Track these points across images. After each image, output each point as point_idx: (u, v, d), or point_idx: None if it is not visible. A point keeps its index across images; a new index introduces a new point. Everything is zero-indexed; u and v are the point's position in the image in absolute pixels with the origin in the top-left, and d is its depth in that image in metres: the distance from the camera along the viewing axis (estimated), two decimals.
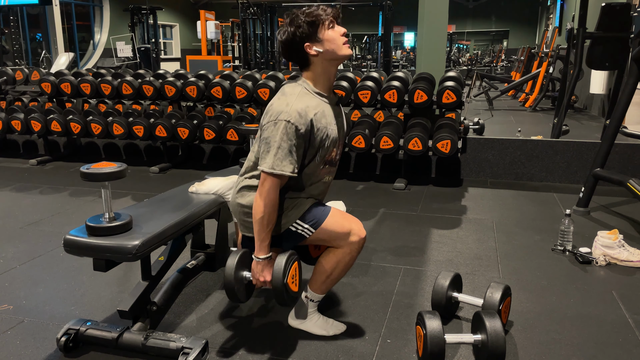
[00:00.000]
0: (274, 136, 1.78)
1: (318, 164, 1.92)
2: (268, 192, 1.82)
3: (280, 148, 1.78)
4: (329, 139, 1.90)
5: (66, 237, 1.86)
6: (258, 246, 1.87)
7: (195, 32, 16.47)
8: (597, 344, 2.06)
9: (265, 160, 1.80)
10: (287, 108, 1.79)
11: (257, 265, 1.90)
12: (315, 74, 1.89)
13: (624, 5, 4.98)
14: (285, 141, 1.78)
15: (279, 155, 1.78)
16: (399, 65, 16.88)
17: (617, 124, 3.58)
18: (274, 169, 1.79)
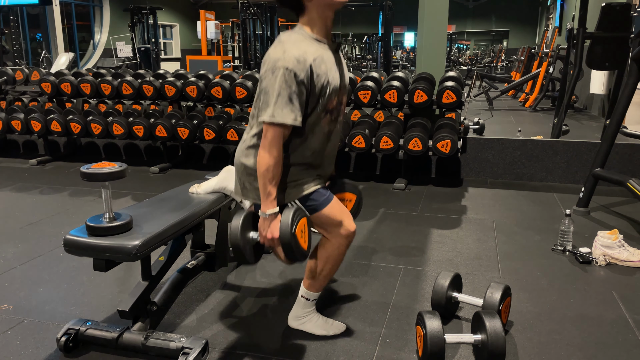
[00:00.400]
0: (273, 85, 1.72)
1: (320, 113, 1.84)
2: (271, 145, 1.75)
3: (280, 96, 1.71)
4: (330, 86, 1.82)
5: (66, 237, 1.86)
6: (264, 201, 1.80)
7: (195, 32, 16.48)
8: (597, 344, 2.07)
9: (265, 111, 1.74)
10: (284, 55, 1.72)
11: (264, 221, 1.81)
12: (311, 19, 1.81)
13: (624, 5, 4.98)
14: (285, 89, 1.71)
15: (279, 104, 1.71)
16: (399, 65, 16.88)
17: (617, 124, 3.58)
18: (274, 117, 1.72)
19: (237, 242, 1.81)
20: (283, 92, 1.71)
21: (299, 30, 1.82)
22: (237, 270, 2.75)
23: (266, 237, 1.82)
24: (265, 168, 1.76)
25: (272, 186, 1.79)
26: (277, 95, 1.71)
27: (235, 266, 2.79)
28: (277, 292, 2.50)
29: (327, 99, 1.83)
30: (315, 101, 1.81)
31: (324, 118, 1.87)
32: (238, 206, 2.64)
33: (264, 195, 1.79)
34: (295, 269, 2.73)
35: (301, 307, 2.13)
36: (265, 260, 2.87)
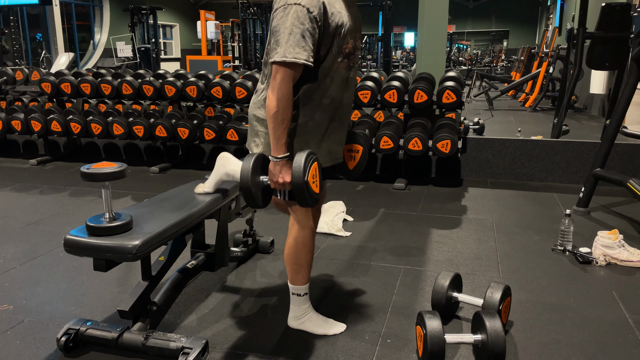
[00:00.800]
0: (284, 22, 1.65)
1: (336, 56, 1.78)
2: (280, 85, 1.68)
3: (292, 34, 1.64)
4: (345, 26, 1.76)
5: (66, 237, 1.86)
6: (274, 145, 1.75)
7: (195, 32, 16.47)
8: (597, 344, 2.07)
9: (276, 50, 1.67)
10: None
11: (275, 166, 1.77)
12: None
13: (624, 5, 4.98)
14: (297, 26, 1.64)
15: (291, 42, 1.64)
16: (399, 65, 16.88)
17: (617, 124, 3.58)
18: (286, 57, 1.65)
19: (247, 184, 1.76)
20: (295, 30, 1.65)
21: None
22: (237, 270, 2.75)
23: (277, 182, 1.78)
24: (275, 110, 1.70)
25: (282, 130, 1.74)
26: (289, 33, 1.65)
27: (235, 266, 2.79)
28: (277, 292, 2.49)
29: (342, 40, 1.77)
30: (330, 42, 1.75)
31: (341, 62, 1.82)
32: (238, 206, 2.64)
33: (274, 139, 1.74)
34: None
35: (297, 305, 2.12)
36: (265, 260, 2.87)
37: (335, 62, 1.81)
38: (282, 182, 1.78)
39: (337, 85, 1.85)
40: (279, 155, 1.76)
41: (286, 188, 1.80)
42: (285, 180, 1.78)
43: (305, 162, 1.74)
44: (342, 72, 1.85)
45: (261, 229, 3.28)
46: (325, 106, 1.86)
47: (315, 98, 1.83)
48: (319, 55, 1.76)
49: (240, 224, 3.01)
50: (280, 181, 1.78)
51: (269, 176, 1.81)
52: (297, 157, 1.76)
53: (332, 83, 1.83)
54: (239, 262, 2.83)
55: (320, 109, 1.85)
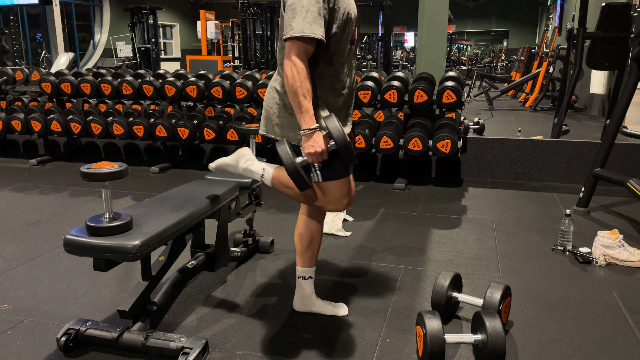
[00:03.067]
0: (300, 1, 1.70)
1: (345, 41, 1.85)
2: (297, 60, 1.72)
3: (309, 12, 1.69)
4: (352, 14, 1.84)
5: (66, 237, 1.86)
6: (304, 118, 1.77)
7: (195, 32, 16.48)
8: (597, 344, 2.07)
9: (291, 27, 1.71)
10: None
11: (308, 138, 1.79)
12: None
13: (624, 5, 4.98)
14: (313, 4, 1.70)
15: (309, 19, 1.69)
16: (399, 65, 16.88)
17: (617, 124, 3.58)
18: (303, 32, 1.69)
19: (295, 168, 1.78)
20: (312, 8, 1.71)
21: None
22: (237, 270, 2.75)
23: (316, 152, 1.80)
24: (298, 83, 1.73)
25: (308, 101, 1.77)
26: (306, 11, 1.70)
27: (235, 266, 2.79)
28: (277, 292, 2.49)
29: (351, 25, 1.84)
30: (341, 28, 1.81)
31: (349, 49, 1.88)
32: (238, 206, 2.64)
33: (301, 112, 1.77)
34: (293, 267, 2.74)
35: (303, 289, 2.21)
36: (265, 260, 2.87)
37: (345, 47, 1.87)
38: (320, 150, 1.80)
39: (346, 71, 1.91)
40: (311, 127, 1.78)
41: (324, 157, 1.82)
42: (323, 148, 1.80)
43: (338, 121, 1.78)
44: (350, 58, 1.92)
45: (261, 229, 3.28)
46: (337, 91, 1.92)
47: (327, 82, 1.89)
48: (330, 40, 1.81)
49: (240, 224, 3.01)
50: (319, 150, 1.80)
51: (305, 150, 1.82)
52: (328, 121, 1.78)
53: (342, 68, 1.89)
54: (239, 262, 2.83)
55: (333, 93, 1.91)
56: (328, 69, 1.87)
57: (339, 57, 1.87)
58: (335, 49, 1.84)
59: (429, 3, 4.56)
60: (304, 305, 2.26)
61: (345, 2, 1.81)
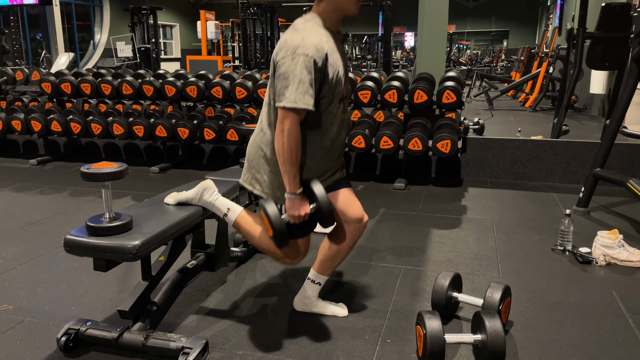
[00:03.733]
0: (293, 70, 1.76)
1: (334, 101, 1.92)
2: (290, 130, 1.80)
3: (301, 82, 1.76)
4: (341, 75, 1.91)
5: (66, 237, 1.86)
6: (291, 183, 1.87)
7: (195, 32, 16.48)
8: (597, 344, 2.07)
9: (285, 96, 1.77)
10: (303, 42, 1.78)
11: (293, 201, 1.89)
12: (326, 10, 1.88)
13: (624, 5, 4.98)
14: (306, 75, 1.76)
15: (301, 89, 1.76)
16: (399, 65, 16.87)
17: (617, 124, 3.58)
18: (296, 103, 1.76)
19: (283, 229, 1.88)
20: (304, 79, 1.76)
21: (313, 19, 1.89)
22: (237, 270, 2.75)
23: (299, 215, 1.90)
24: (290, 153, 1.82)
25: (297, 168, 1.86)
26: (299, 81, 1.76)
27: (235, 266, 2.79)
28: (277, 292, 2.49)
29: (339, 86, 1.91)
30: (332, 89, 1.87)
31: (339, 107, 1.95)
32: None
33: (289, 177, 1.86)
34: (293, 268, 2.74)
35: (309, 291, 2.24)
36: (265, 260, 2.87)
37: (334, 107, 1.94)
38: (303, 214, 1.91)
39: (336, 128, 1.99)
40: (297, 191, 1.89)
41: (304, 219, 1.93)
42: (306, 211, 1.91)
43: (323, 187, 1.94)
44: (340, 115, 1.99)
45: None
46: (326, 147, 2.00)
47: (317, 139, 1.96)
48: (321, 101, 1.88)
49: None
50: (302, 214, 1.91)
51: (289, 212, 1.92)
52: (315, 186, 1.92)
53: (331, 126, 1.97)
54: (239, 262, 2.83)
55: (321, 149, 1.99)
56: (318, 127, 1.93)
57: (329, 115, 1.94)
58: (325, 108, 1.91)
59: (429, 3, 4.56)
60: (304, 305, 2.27)
61: (334, 64, 1.87)
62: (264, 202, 1.92)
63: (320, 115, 1.91)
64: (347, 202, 2.10)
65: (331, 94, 1.89)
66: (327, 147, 1.99)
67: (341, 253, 2.16)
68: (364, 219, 2.12)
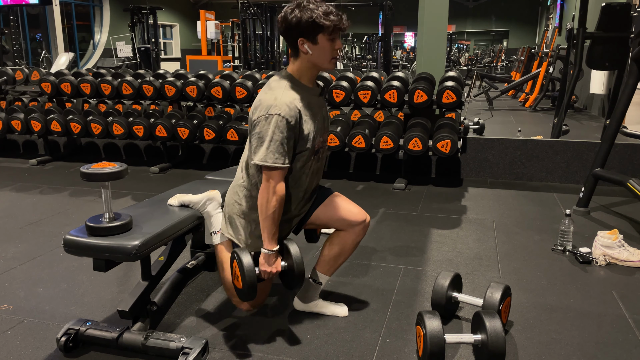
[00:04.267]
0: (266, 130, 1.82)
1: (310, 155, 1.97)
2: (276, 188, 1.86)
3: (272, 141, 1.82)
4: (316, 130, 1.95)
5: (66, 237, 1.86)
6: (270, 239, 1.90)
7: (195, 32, 16.47)
8: (597, 344, 2.07)
9: (257, 154, 1.84)
10: (276, 102, 1.83)
11: (269, 257, 1.92)
12: (300, 68, 1.93)
13: (624, 5, 4.98)
14: (277, 134, 1.82)
15: (272, 148, 1.82)
16: (399, 65, 16.87)
17: (617, 124, 3.58)
18: (266, 161, 1.83)
19: (254, 281, 1.87)
20: (275, 137, 1.83)
21: (287, 77, 1.93)
22: None
23: (270, 271, 1.93)
24: (273, 210, 1.88)
25: (277, 226, 1.92)
26: (270, 140, 1.82)
27: None
28: (277, 292, 2.49)
29: (314, 141, 1.95)
30: (305, 144, 1.93)
31: (313, 159, 2.00)
32: None
33: (269, 234, 1.91)
34: None
35: (310, 291, 2.24)
36: None
37: (309, 160, 1.98)
38: (275, 271, 1.94)
39: (309, 178, 2.03)
40: (273, 248, 1.92)
41: (273, 276, 1.96)
42: (278, 269, 1.94)
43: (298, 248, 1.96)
44: (313, 166, 2.03)
45: None
46: (299, 197, 2.04)
47: (292, 193, 2.00)
48: (297, 155, 1.93)
49: None
50: (274, 271, 1.93)
51: (262, 267, 1.93)
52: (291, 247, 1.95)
53: (306, 178, 2.02)
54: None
55: (295, 200, 2.04)
56: (293, 180, 1.98)
57: (303, 168, 1.99)
58: (300, 164, 1.96)
59: (429, 3, 4.56)
60: (304, 305, 2.26)
61: (309, 123, 1.91)
62: (239, 251, 1.90)
63: (295, 169, 1.96)
64: (342, 208, 2.12)
65: (306, 148, 1.93)
66: (300, 197, 2.04)
67: (344, 253, 2.16)
68: (366, 220, 2.14)
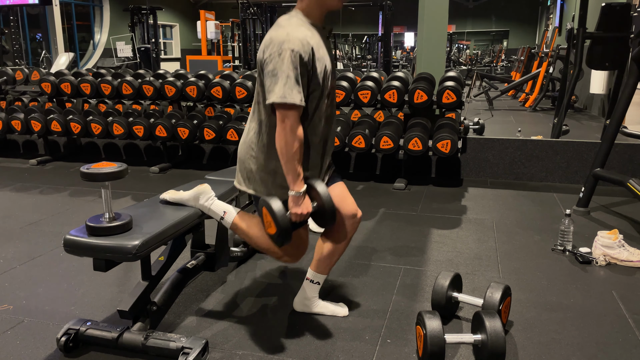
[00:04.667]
0: (280, 66, 1.75)
1: (322, 97, 1.91)
2: (292, 127, 1.79)
3: (288, 77, 1.75)
4: (328, 70, 1.90)
5: (66, 237, 1.86)
6: (295, 181, 1.85)
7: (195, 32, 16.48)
8: (597, 344, 2.07)
9: (273, 93, 1.77)
10: (288, 37, 1.77)
11: (298, 199, 1.87)
12: (309, 6, 1.88)
13: (624, 5, 4.98)
14: (292, 70, 1.75)
15: (289, 84, 1.75)
16: (399, 65, 16.87)
17: (617, 124, 3.58)
18: (285, 97, 1.75)
19: (288, 225, 1.84)
20: (291, 74, 1.75)
21: (297, 15, 1.88)
22: (237, 270, 2.75)
23: (302, 213, 1.88)
24: (294, 151, 1.81)
25: (300, 166, 1.85)
26: (286, 76, 1.75)
27: (235, 266, 2.79)
28: (277, 292, 2.49)
29: (327, 81, 1.90)
30: (318, 83, 1.86)
31: (325, 102, 1.94)
32: (238, 206, 2.64)
33: (293, 175, 1.84)
34: (293, 268, 2.74)
35: (308, 291, 2.23)
36: (265, 260, 2.87)
37: (322, 103, 1.92)
38: (306, 212, 1.89)
39: (322, 124, 1.97)
40: (301, 190, 1.87)
41: (305, 218, 1.91)
42: (309, 210, 1.89)
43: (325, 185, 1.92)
44: (327, 110, 1.97)
45: None
46: (316, 145, 1.98)
47: (310, 140, 1.95)
48: (310, 95, 1.87)
49: None
50: (305, 212, 1.89)
51: (292, 210, 1.89)
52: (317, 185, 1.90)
53: (319, 122, 1.95)
54: (239, 262, 2.83)
55: (313, 147, 1.97)
56: (306, 125, 1.92)
57: (317, 111, 1.92)
58: (313, 104, 1.90)
59: (429, 3, 4.56)
60: (304, 305, 2.27)
61: (322, 59, 1.86)
62: (267, 198, 1.88)
63: (309, 111, 1.90)
64: (341, 198, 2.09)
65: (319, 88, 1.87)
66: (316, 144, 1.97)
67: (338, 250, 2.15)
68: (357, 215, 2.12)
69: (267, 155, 1.94)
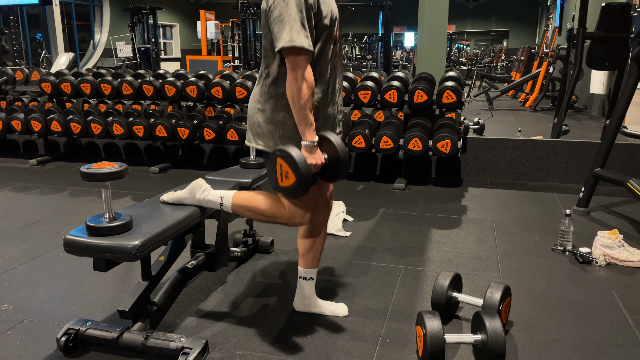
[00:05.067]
0: (286, 11, 1.73)
1: (329, 43, 1.88)
2: (304, 74, 1.75)
3: (295, 21, 1.73)
4: (333, 15, 1.87)
5: (66, 237, 1.86)
6: (309, 130, 1.81)
7: (195, 32, 16.48)
8: (597, 344, 2.07)
9: (281, 38, 1.74)
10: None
11: (311, 149, 1.83)
12: None
13: (624, 5, 4.98)
14: (297, 13, 1.73)
15: (296, 28, 1.72)
16: (399, 65, 16.88)
17: (617, 124, 3.58)
18: (293, 41, 1.72)
19: (309, 172, 1.81)
20: (297, 17, 1.74)
21: None
22: (237, 270, 2.75)
23: (316, 164, 1.85)
24: (306, 98, 1.77)
25: (312, 115, 1.82)
26: (293, 20, 1.73)
27: (235, 266, 2.79)
28: (277, 292, 2.49)
29: (332, 27, 1.88)
30: (325, 26, 1.84)
31: (331, 48, 1.91)
32: None
33: (306, 124, 1.81)
34: (292, 268, 2.74)
35: (304, 289, 2.23)
36: (265, 260, 2.87)
37: (329, 49, 1.89)
38: (320, 163, 1.86)
39: (331, 71, 1.94)
40: (314, 139, 1.83)
41: (318, 169, 1.88)
42: (322, 160, 1.86)
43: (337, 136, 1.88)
44: (334, 58, 1.94)
45: (261, 228, 3.28)
46: (325, 94, 1.93)
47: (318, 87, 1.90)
48: (316, 41, 1.84)
49: (240, 224, 3.01)
50: (319, 162, 1.85)
51: (308, 161, 1.83)
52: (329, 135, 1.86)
53: (326, 69, 1.91)
54: (239, 262, 2.83)
55: (322, 97, 1.92)
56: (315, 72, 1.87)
57: (324, 57, 1.89)
58: (320, 50, 1.86)
59: (429, 3, 4.56)
60: (304, 305, 2.27)
61: (327, 2, 1.84)
62: (284, 147, 1.81)
63: (316, 58, 1.86)
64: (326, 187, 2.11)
65: (326, 31, 1.84)
66: (327, 95, 1.94)
67: (319, 241, 2.17)
68: (330, 203, 2.16)
69: (274, 106, 1.90)
